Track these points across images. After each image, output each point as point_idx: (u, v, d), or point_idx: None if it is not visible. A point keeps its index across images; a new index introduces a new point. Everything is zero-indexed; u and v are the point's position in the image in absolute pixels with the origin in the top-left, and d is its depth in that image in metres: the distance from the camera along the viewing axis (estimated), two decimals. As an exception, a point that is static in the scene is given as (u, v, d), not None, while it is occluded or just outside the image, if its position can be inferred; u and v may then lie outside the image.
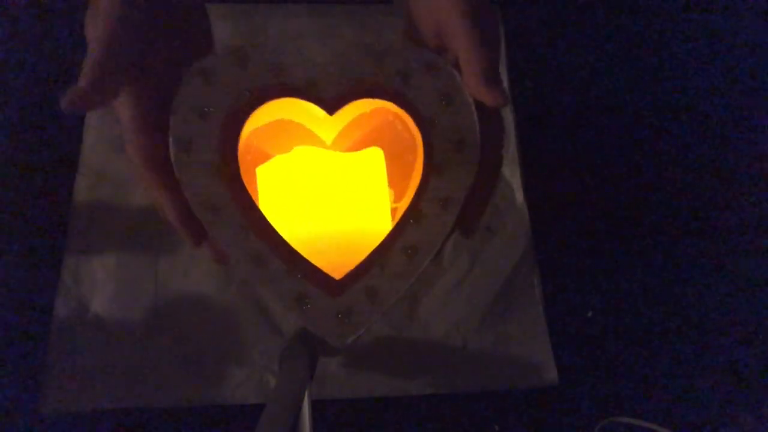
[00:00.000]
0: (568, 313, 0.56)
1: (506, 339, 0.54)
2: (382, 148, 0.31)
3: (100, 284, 0.54)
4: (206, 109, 0.28)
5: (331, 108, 0.29)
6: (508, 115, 0.63)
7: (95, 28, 0.27)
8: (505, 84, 0.64)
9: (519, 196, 0.60)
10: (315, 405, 0.39)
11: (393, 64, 0.29)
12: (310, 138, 0.31)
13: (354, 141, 0.32)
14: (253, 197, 0.30)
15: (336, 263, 0.29)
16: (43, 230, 0.56)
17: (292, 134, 0.31)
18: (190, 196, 0.28)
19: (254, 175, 0.31)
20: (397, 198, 0.31)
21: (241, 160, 0.29)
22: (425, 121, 0.29)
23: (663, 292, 0.58)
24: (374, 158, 0.31)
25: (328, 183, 0.31)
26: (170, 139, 0.28)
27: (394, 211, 0.31)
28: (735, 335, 0.56)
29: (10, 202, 0.57)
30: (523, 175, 0.61)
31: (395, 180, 0.31)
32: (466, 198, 0.29)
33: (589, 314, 0.56)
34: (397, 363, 0.53)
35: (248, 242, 0.28)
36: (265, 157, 0.31)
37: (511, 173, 0.61)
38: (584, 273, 0.58)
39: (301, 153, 0.31)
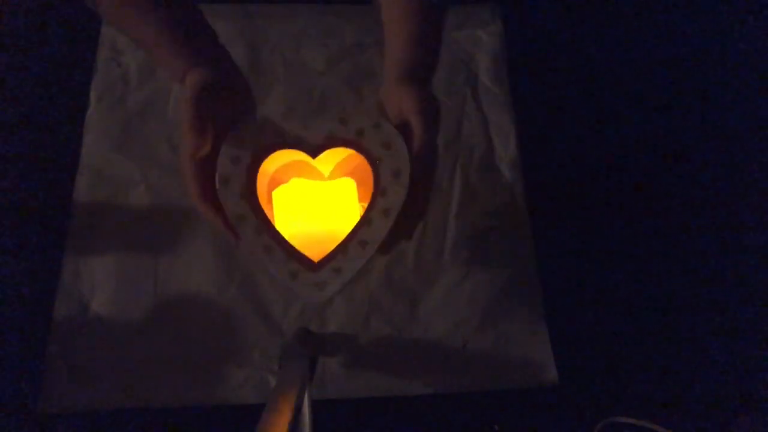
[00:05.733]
0: (568, 313, 0.56)
1: (506, 339, 0.54)
2: (359, 174, 0.46)
3: (100, 284, 0.54)
4: (238, 158, 0.43)
5: (313, 153, 0.44)
6: (509, 116, 0.63)
7: (187, 112, 0.41)
8: (506, 85, 0.65)
9: (519, 195, 0.60)
10: (315, 405, 0.40)
11: (353, 124, 0.44)
12: (311, 171, 0.47)
13: (342, 173, 0.48)
14: (270, 209, 0.44)
15: (317, 251, 0.43)
16: (43, 230, 0.56)
17: (300, 170, 0.47)
18: (228, 211, 0.42)
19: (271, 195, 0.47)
20: (362, 200, 0.46)
21: (268, 186, 0.46)
22: (374, 161, 0.43)
23: (663, 293, 0.58)
24: (349, 186, 0.47)
25: (318, 201, 0.46)
26: (216, 177, 0.42)
27: (362, 207, 0.45)
28: (735, 335, 0.56)
29: (10, 202, 0.57)
30: (523, 175, 0.61)
31: (364, 190, 0.46)
32: (402, 209, 0.42)
33: (589, 315, 0.56)
34: (397, 363, 0.53)
35: (262, 239, 0.43)
36: (280, 184, 0.47)
37: (511, 173, 0.61)
38: (584, 273, 0.58)
39: (299, 183, 0.47)
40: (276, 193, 0.46)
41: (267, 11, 0.67)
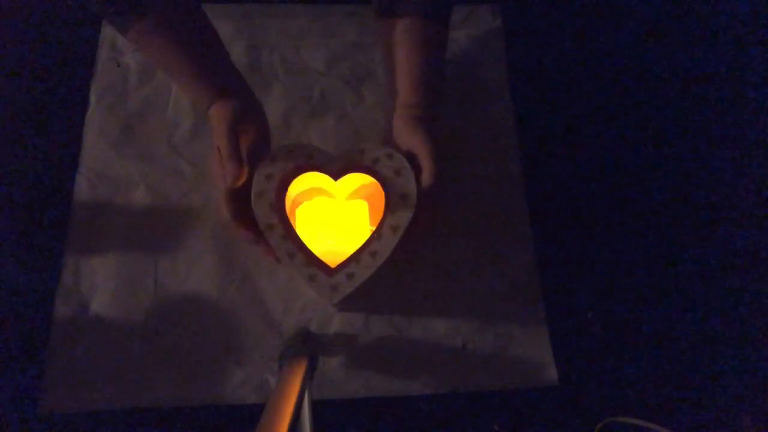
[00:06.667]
0: (568, 313, 0.56)
1: (506, 339, 0.54)
2: (371, 199, 0.54)
3: (100, 284, 0.54)
4: (271, 175, 0.51)
5: (335, 176, 0.52)
6: (509, 116, 0.63)
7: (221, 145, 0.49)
8: (507, 85, 0.65)
9: (519, 196, 0.60)
10: (315, 405, 0.40)
11: (369, 154, 0.52)
12: (330, 195, 0.55)
13: (357, 197, 0.55)
14: (294, 223, 0.52)
15: (333, 259, 0.50)
16: (43, 230, 0.56)
17: (319, 193, 0.55)
18: (259, 221, 0.49)
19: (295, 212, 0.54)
20: (373, 223, 0.53)
21: (292, 204, 0.54)
22: (386, 185, 0.51)
23: (663, 293, 0.58)
24: (361, 207, 0.54)
25: (335, 217, 0.54)
26: (252, 191, 0.50)
27: (372, 230, 0.52)
28: (735, 335, 0.56)
29: (10, 202, 0.57)
30: (523, 176, 0.61)
31: (374, 214, 0.53)
32: (408, 226, 0.50)
33: (590, 315, 0.56)
34: (397, 363, 0.53)
35: (286, 245, 0.49)
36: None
37: (512, 173, 0.61)
38: (584, 273, 0.58)
39: (321, 200, 0.54)
40: (300, 210, 0.54)
41: (267, 11, 0.67)
